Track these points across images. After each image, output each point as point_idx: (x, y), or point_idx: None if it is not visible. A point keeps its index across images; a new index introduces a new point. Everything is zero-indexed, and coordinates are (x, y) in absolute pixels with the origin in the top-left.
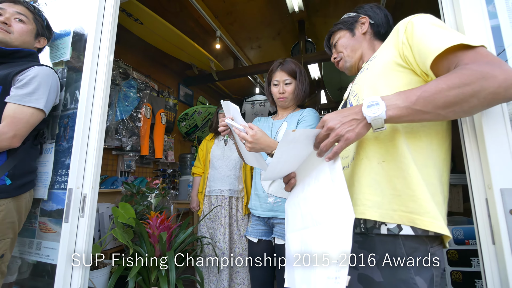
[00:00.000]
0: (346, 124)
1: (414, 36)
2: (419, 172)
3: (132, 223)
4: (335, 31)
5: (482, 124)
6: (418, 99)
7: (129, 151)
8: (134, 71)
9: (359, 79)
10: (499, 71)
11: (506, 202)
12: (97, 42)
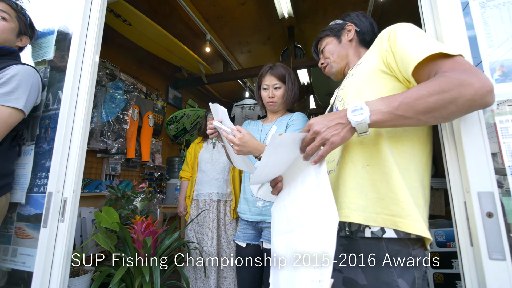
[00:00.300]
0: (331, 128)
1: (397, 44)
2: (402, 176)
3: (116, 228)
4: (322, 37)
5: (461, 131)
6: (400, 104)
7: (115, 154)
8: (122, 72)
9: (345, 84)
10: (475, 79)
11: (483, 205)
12: (82, 42)
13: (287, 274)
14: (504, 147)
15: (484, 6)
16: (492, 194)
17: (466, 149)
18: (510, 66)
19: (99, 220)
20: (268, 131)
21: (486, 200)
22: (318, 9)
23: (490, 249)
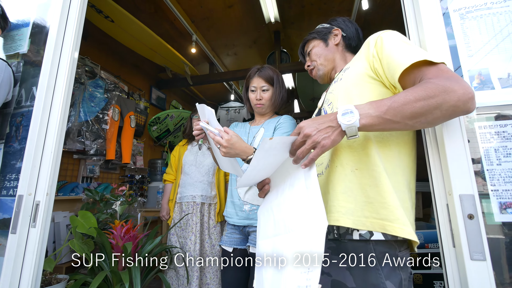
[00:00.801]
0: (322, 131)
1: (384, 50)
2: (390, 180)
3: (93, 234)
4: (309, 40)
5: (443, 136)
6: (388, 109)
7: (93, 155)
8: (102, 70)
9: (333, 88)
10: (458, 86)
11: (465, 207)
12: (60, 37)
13: (272, 279)
14: (483, 151)
15: (463, 18)
16: (472, 196)
17: (449, 154)
18: (487, 75)
19: (75, 225)
20: (255, 133)
21: (467, 202)
22: (304, 16)
23: (471, 250)
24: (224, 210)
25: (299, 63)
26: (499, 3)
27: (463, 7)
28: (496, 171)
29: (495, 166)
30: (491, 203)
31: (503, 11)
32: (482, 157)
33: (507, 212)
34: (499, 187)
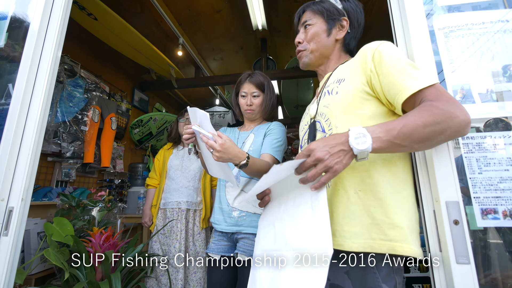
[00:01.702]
0: (334, 155)
1: (382, 67)
2: (395, 199)
3: (69, 242)
4: (314, 12)
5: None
6: (398, 133)
7: (70, 158)
8: (82, 69)
9: (328, 102)
10: (460, 112)
11: (451, 213)
12: (42, 33)
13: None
14: (466, 161)
15: (447, 36)
16: (457, 203)
17: (436, 163)
18: (468, 90)
19: (50, 232)
20: (245, 139)
21: (453, 208)
22: (291, 25)
23: (457, 254)
24: (212, 217)
25: (285, 70)
26: (478, 25)
27: (446, 26)
28: (477, 179)
29: (477, 174)
30: (473, 209)
31: (481, 32)
32: (465, 166)
33: (488, 218)
34: (480, 194)
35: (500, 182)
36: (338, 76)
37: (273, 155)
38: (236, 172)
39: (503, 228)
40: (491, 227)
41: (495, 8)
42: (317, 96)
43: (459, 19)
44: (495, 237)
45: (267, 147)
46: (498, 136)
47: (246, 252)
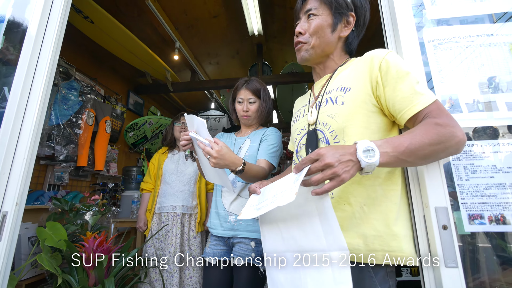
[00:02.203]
0: (343, 163)
1: (388, 78)
2: (395, 211)
3: (62, 247)
4: (320, 1)
5: None
6: (405, 150)
7: (63, 161)
8: (78, 72)
9: (334, 112)
10: (459, 132)
11: (440, 219)
12: (39, 36)
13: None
14: (454, 168)
15: (436, 48)
16: (446, 208)
17: (425, 170)
18: (456, 100)
19: (43, 237)
20: (241, 144)
21: (442, 214)
22: (286, 31)
23: (446, 258)
24: (208, 221)
25: (280, 75)
26: (465, 38)
27: (436, 38)
28: (465, 186)
29: (464, 181)
30: (461, 215)
31: (468, 45)
32: (453, 173)
33: (475, 223)
34: (467, 200)
35: (486, 188)
36: (341, 83)
37: (268, 161)
38: (233, 177)
39: (490, 233)
40: (479, 232)
41: (481, 23)
42: (315, 99)
43: (448, 32)
44: (483, 241)
45: (263, 153)
46: (484, 145)
47: (242, 256)
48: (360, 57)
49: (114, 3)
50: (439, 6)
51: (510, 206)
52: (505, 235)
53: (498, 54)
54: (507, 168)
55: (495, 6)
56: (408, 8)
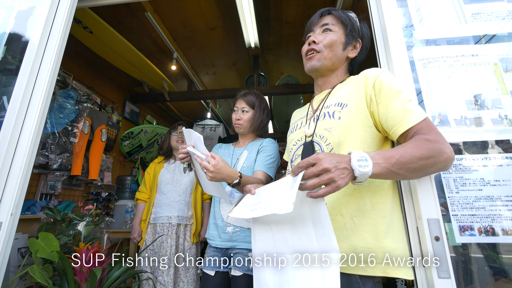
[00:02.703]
0: (339, 170)
1: (382, 95)
2: (386, 223)
3: (54, 258)
4: (339, 19)
5: None
6: (396, 162)
7: (57, 170)
8: (75, 80)
9: (331, 126)
10: (448, 148)
11: (432, 230)
12: (41, 48)
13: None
14: (444, 181)
15: (425, 66)
16: (438, 220)
17: (418, 182)
18: (445, 116)
19: (35, 248)
20: (239, 155)
21: (434, 225)
22: (282, 44)
23: (438, 269)
24: (206, 233)
25: (276, 87)
26: (452, 57)
27: (425, 57)
28: (455, 198)
29: (454, 193)
30: (452, 226)
31: (455, 64)
32: (444, 186)
33: (465, 234)
34: (458, 212)
35: (475, 201)
36: (339, 99)
37: (266, 172)
38: (230, 188)
39: (481, 244)
40: (472, 243)
41: (466, 43)
42: (313, 112)
43: (436, 51)
44: (475, 252)
45: (260, 164)
46: (472, 159)
47: (240, 268)
48: (356, 75)
49: (113, 15)
50: (427, 27)
51: (498, 218)
52: (496, 246)
53: (483, 73)
54: (495, 181)
55: (479, 28)
56: (399, 29)
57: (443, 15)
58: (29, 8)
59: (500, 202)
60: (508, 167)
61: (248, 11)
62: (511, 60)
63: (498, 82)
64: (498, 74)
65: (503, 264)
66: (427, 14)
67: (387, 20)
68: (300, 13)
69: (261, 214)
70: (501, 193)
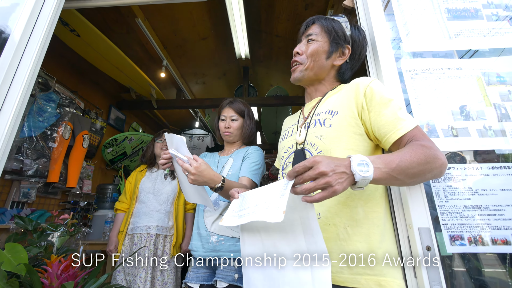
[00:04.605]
0: (337, 174)
1: (373, 104)
2: (379, 232)
3: (21, 272)
4: (321, 27)
5: None
6: (396, 167)
7: (31, 176)
8: (58, 83)
9: (321, 133)
10: (441, 154)
11: (423, 239)
12: (21, 47)
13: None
14: (433, 189)
15: (413, 77)
16: (429, 229)
17: (408, 191)
18: (433, 125)
19: (1, 260)
20: (224, 163)
21: (425, 235)
22: (272, 56)
23: (430, 279)
24: (190, 244)
25: (265, 98)
26: (438, 70)
27: (412, 69)
28: (445, 207)
29: (444, 202)
30: (443, 236)
31: (441, 76)
32: (433, 195)
33: (456, 244)
34: (448, 221)
35: (464, 210)
36: (330, 107)
37: (250, 178)
38: (216, 196)
39: (473, 253)
40: (464, 252)
41: (451, 57)
42: (304, 120)
43: (422, 64)
44: (467, 262)
45: (245, 171)
46: (460, 168)
47: (225, 279)
48: (348, 83)
49: (103, 19)
50: (414, 41)
51: (486, 227)
52: (486, 255)
53: (467, 85)
54: (482, 191)
55: (462, 44)
56: (387, 41)
57: (428, 30)
58: (12, 5)
59: (487, 212)
60: (494, 177)
61: (239, 23)
62: (493, 74)
63: (481, 95)
64: (482, 87)
65: (488, 276)
66: (414, 28)
67: (376, 32)
68: (290, 27)
69: (248, 220)
70: (489, 202)
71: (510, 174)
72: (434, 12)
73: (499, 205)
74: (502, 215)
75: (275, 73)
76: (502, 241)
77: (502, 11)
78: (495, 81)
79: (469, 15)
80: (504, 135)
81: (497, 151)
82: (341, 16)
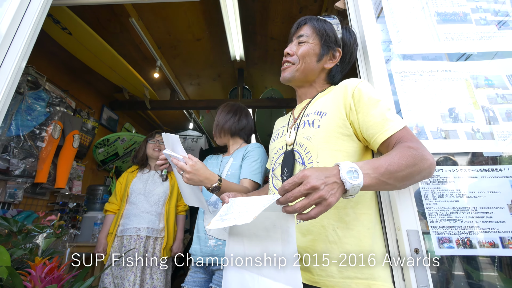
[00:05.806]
0: (329, 186)
1: (361, 105)
2: (369, 234)
3: (3, 274)
4: (312, 28)
5: None
6: (385, 171)
7: (18, 176)
8: (48, 82)
9: (310, 134)
10: (429, 155)
11: (411, 242)
12: (7, 41)
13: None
14: (422, 191)
15: (403, 79)
16: (417, 232)
17: (396, 193)
18: (422, 127)
19: None
20: (226, 163)
21: (413, 237)
22: (267, 59)
23: (418, 282)
24: (190, 247)
25: (259, 100)
26: (427, 72)
27: (402, 71)
28: (433, 209)
29: (432, 205)
30: (431, 238)
31: (431, 78)
32: (422, 197)
33: (444, 247)
34: (436, 224)
35: (452, 212)
36: (318, 107)
37: (251, 180)
38: (215, 198)
39: (461, 256)
40: (452, 255)
41: (440, 60)
42: (294, 121)
43: (412, 66)
44: (455, 265)
45: (245, 172)
46: (448, 170)
47: (220, 285)
48: (337, 85)
49: (95, 18)
50: (404, 43)
51: (474, 230)
52: (475, 258)
53: (456, 88)
54: (470, 193)
55: (451, 47)
56: (378, 43)
57: (418, 32)
58: None
59: (475, 214)
60: (482, 179)
61: (234, 25)
62: (481, 77)
63: (470, 97)
64: (470, 90)
65: (480, 279)
66: (404, 31)
67: (367, 35)
68: (285, 30)
69: (229, 224)
70: (477, 205)
71: (498, 177)
72: (424, 15)
73: (487, 208)
74: (490, 218)
75: (269, 75)
76: (489, 244)
77: (490, 16)
78: (484, 84)
79: (458, 19)
80: (492, 137)
81: (485, 153)
82: (333, 17)
